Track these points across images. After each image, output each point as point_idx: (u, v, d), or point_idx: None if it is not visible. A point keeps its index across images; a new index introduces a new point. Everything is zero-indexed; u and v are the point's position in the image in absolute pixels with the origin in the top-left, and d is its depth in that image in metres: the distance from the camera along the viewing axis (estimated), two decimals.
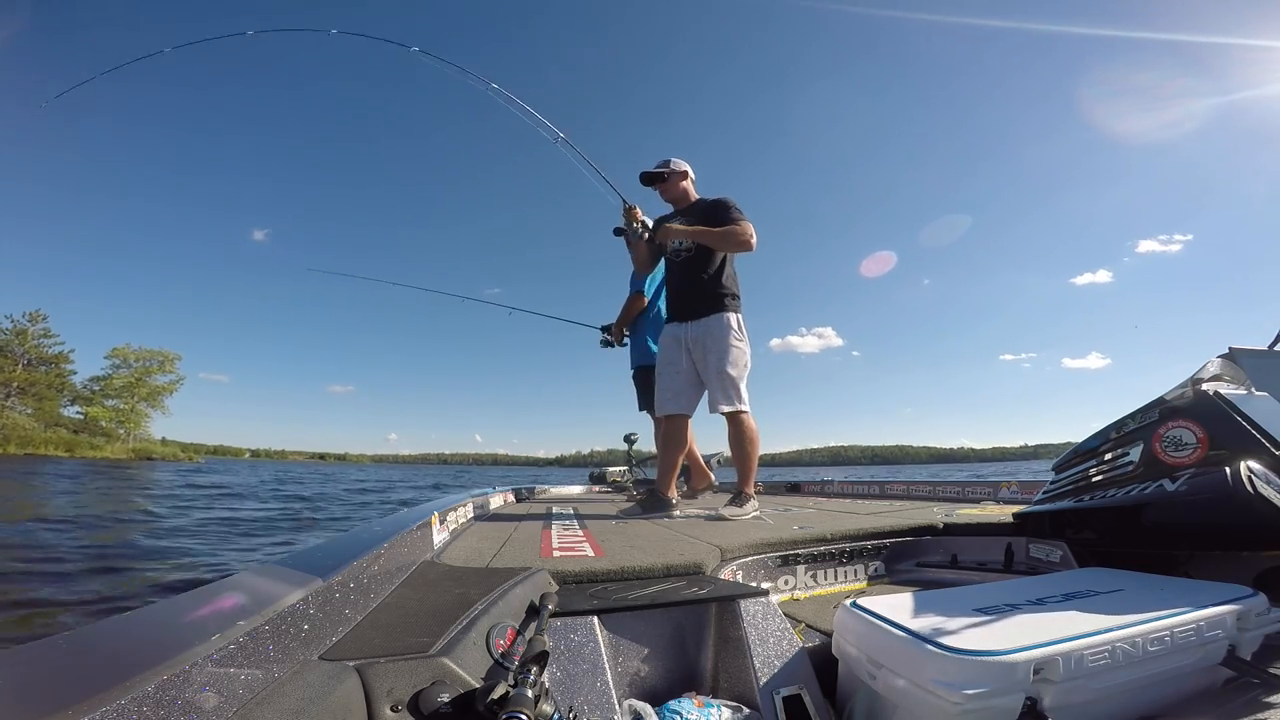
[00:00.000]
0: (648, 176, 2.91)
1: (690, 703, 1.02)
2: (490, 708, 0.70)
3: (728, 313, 2.72)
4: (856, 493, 4.10)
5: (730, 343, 2.68)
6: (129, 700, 0.50)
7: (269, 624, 0.71)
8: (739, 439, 2.69)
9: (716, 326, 2.71)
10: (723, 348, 2.68)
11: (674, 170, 2.89)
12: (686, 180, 2.92)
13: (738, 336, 2.70)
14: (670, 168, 2.88)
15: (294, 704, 0.62)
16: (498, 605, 1.03)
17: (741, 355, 2.68)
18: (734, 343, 2.68)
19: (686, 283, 2.82)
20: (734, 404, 2.65)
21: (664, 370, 2.86)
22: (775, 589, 1.71)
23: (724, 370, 2.67)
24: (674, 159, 2.90)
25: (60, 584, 3.82)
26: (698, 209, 2.84)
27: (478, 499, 2.79)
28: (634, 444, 5.29)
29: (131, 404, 50.42)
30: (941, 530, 2.04)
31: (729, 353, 2.67)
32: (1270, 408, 1.43)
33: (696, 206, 2.86)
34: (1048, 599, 1.14)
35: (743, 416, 2.66)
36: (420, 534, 1.49)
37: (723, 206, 2.73)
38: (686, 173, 2.91)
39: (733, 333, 2.69)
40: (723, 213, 2.70)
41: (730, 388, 2.66)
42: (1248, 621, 1.06)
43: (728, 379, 2.67)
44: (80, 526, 6.52)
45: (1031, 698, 0.88)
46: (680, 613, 1.22)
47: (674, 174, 2.89)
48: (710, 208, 2.77)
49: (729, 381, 2.66)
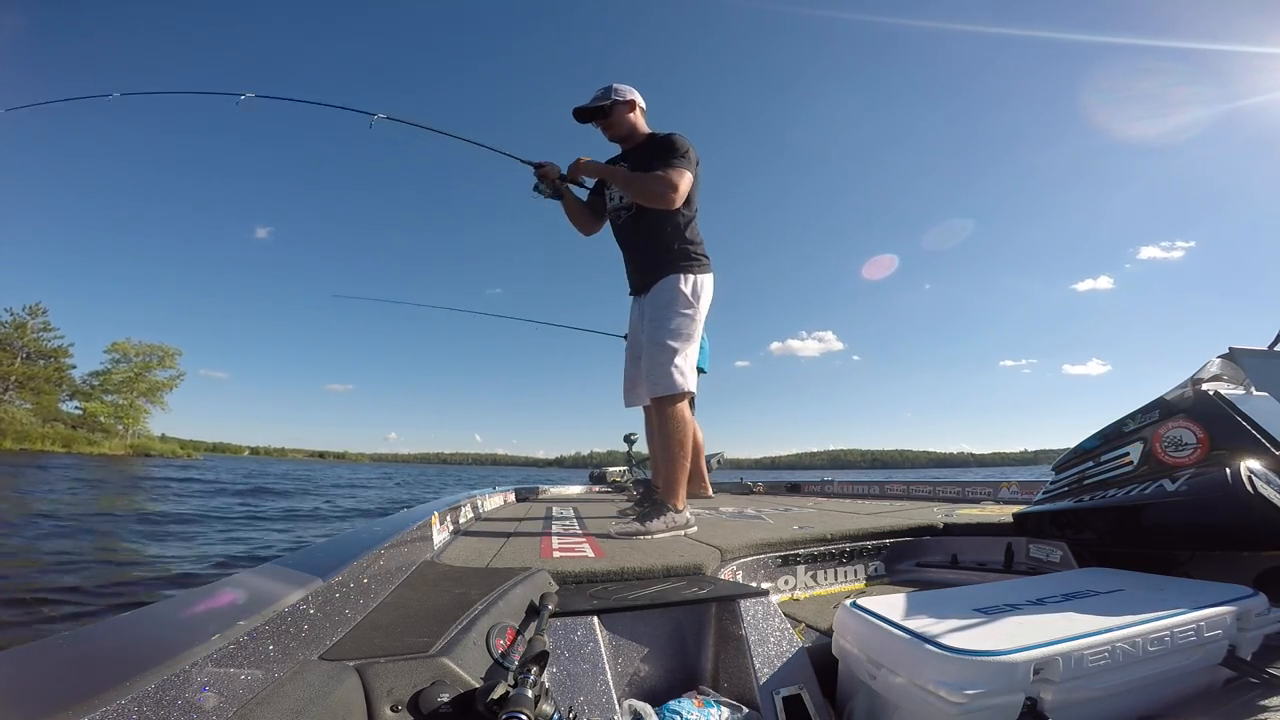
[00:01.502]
0: (584, 113, 2.30)
1: (690, 703, 1.02)
2: (490, 708, 0.70)
3: (678, 274, 2.16)
4: (856, 493, 4.11)
5: (673, 309, 2.13)
6: (129, 700, 0.50)
7: (269, 624, 0.71)
8: (661, 427, 2.12)
9: (660, 291, 2.18)
10: (660, 315, 2.14)
11: (618, 100, 2.27)
12: (634, 112, 2.31)
13: (685, 303, 2.13)
14: (612, 97, 2.27)
15: (294, 704, 0.62)
16: (498, 605, 1.03)
17: (686, 324, 2.12)
18: (679, 310, 2.13)
19: (635, 246, 2.32)
20: (658, 386, 2.09)
21: (627, 356, 2.42)
22: (775, 589, 1.71)
23: (656, 340, 2.12)
24: (616, 85, 2.28)
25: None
26: (643, 150, 2.27)
27: (477, 499, 2.78)
28: (634, 444, 5.30)
29: (130, 399, 50.13)
30: (941, 530, 2.04)
31: (668, 320, 2.12)
32: (1270, 408, 1.43)
33: (644, 147, 2.29)
34: (1048, 599, 1.14)
35: (669, 402, 2.10)
36: (420, 534, 1.49)
37: (664, 147, 2.17)
38: (634, 102, 2.29)
39: (680, 298, 2.13)
40: (662, 154, 2.14)
41: (656, 364, 2.09)
42: (1248, 621, 1.06)
43: (657, 351, 2.11)
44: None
45: (1031, 698, 0.88)
46: (680, 613, 1.22)
47: (618, 104, 2.27)
48: (652, 147, 2.22)
49: (658, 354, 2.10)
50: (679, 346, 2.11)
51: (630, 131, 2.32)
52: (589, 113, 2.31)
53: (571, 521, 2.41)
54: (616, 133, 2.33)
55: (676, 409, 2.11)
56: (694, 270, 2.18)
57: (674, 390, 2.09)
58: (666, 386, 2.09)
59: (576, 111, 2.32)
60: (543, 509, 3.04)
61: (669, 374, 2.08)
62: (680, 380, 2.08)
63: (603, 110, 2.29)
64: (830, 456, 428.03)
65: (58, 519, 7.04)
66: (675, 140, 2.18)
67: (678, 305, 2.14)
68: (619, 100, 2.27)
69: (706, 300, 2.21)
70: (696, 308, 2.16)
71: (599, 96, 2.30)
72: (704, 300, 2.19)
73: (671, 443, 2.10)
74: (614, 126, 2.31)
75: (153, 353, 51.42)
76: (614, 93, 2.27)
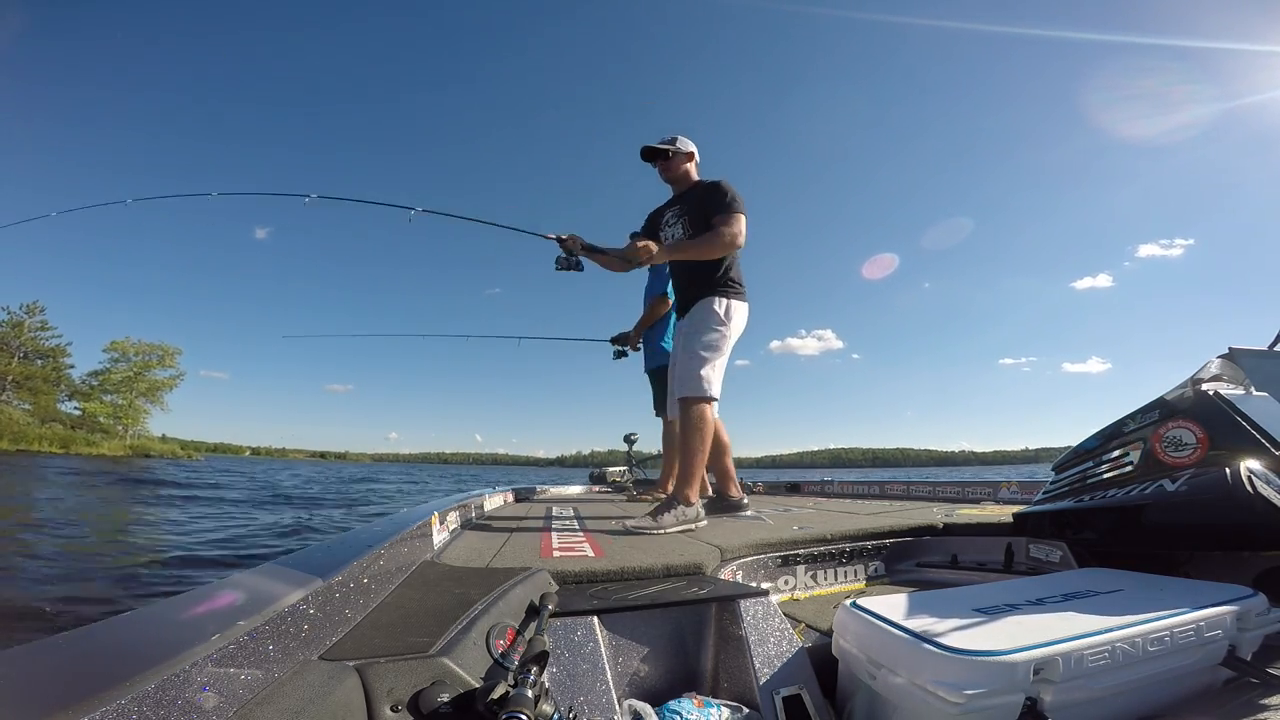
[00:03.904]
0: (650, 151, 2.66)
1: (690, 703, 1.02)
2: (490, 708, 0.70)
3: (714, 297, 2.42)
4: (856, 493, 4.10)
5: (706, 325, 2.38)
6: (129, 700, 0.50)
7: (269, 624, 0.71)
8: (684, 426, 2.32)
9: (696, 311, 2.45)
10: (693, 330, 2.41)
11: (679, 150, 2.65)
12: (691, 163, 2.68)
13: (718, 321, 2.39)
14: (676, 146, 2.64)
15: (294, 704, 0.62)
16: (498, 605, 1.03)
17: (716, 339, 2.36)
18: (711, 326, 2.38)
19: (681, 282, 2.62)
20: (685, 388, 2.33)
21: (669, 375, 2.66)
22: (775, 589, 1.71)
23: (688, 349, 2.38)
24: (680, 137, 2.66)
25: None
26: (692, 195, 2.59)
27: (477, 499, 2.78)
28: (634, 444, 5.30)
29: (130, 399, 49.80)
30: (941, 530, 2.04)
31: (700, 334, 2.38)
32: (1270, 408, 1.43)
33: (692, 192, 2.61)
34: (1048, 599, 1.14)
35: (696, 402, 2.31)
36: (420, 534, 1.49)
37: (715, 196, 2.44)
38: (692, 154, 2.67)
39: (713, 317, 2.39)
40: (714, 205, 2.42)
41: (686, 369, 2.35)
42: (1248, 621, 1.06)
43: (687, 359, 2.37)
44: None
45: (1031, 698, 0.88)
46: (680, 613, 1.22)
47: (679, 154, 2.65)
48: (703, 195, 2.51)
49: (688, 361, 2.36)
50: (708, 356, 2.35)
51: (683, 178, 2.67)
52: (653, 152, 2.66)
53: (571, 521, 2.41)
54: (672, 175, 2.68)
55: (700, 410, 2.31)
56: (729, 296, 2.45)
57: (699, 393, 2.30)
58: (693, 389, 2.32)
59: (644, 150, 2.67)
60: (542, 509, 3.04)
61: (695, 378, 2.32)
62: (705, 385, 2.31)
63: (665, 154, 2.64)
64: (831, 455, 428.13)
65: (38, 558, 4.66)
66: (722, 187, 2.45)
67: (710, 322, 2.40)
68: (681, 151, 2.65)
69: (738, 324, 2.46)
70: (728, 326, 2.41)
71: (665, 142, 2.66)
72: (735, 322, 2.44)
73: (692, 441, 2.28)
74: (671, 170, 2.66)
75: (152, 352, 51.08)
76: (679, 143, 2.66)
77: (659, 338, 3.72)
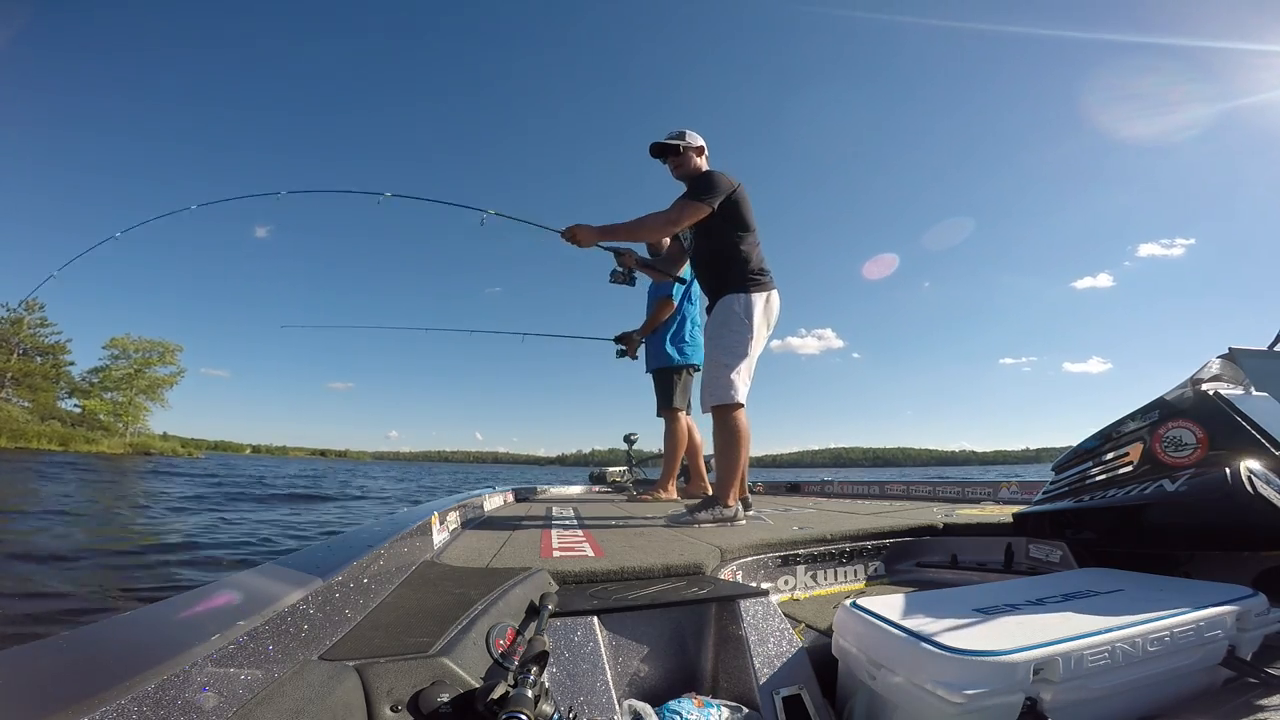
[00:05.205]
0: (659, 148, 2.61)
1: (690, 703, 1.02)
2: (490, 708, 0.70)
3: (732, 294, 2.39)
4: (856, 493, 4.11)
5: (726, 328, 2.37)
6: (129, 700, 0.50)
7: (269, 624, 0.71)
8: (716, 434, 2.38)
9: (717, 311, 2.44)
10: (714, 334, 2.41)
11: (689, 145, 2.59)
12: (701, 157, 2.63)
13: (737, 322, 2.36)
14: (685, 140, 2.59)
15: (294, 704, 0.62)
16: (498, 605, 1.03)
17: (736, 342, 2.34)
18: (730, 329, 2.36)
19: (700, 275, 2.62)
20: (712, 397, 2.34)
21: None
22: (775, 589, 1.71)
23: (710, 356, 2.41)
24: (689, 131, 2.61)
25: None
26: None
27: (477, 499, 2.78)
28: (634, 444, 5.29)
29: (130, 396, 49.51)
30: (941, 530, 2.04)
31: (721, 338, 2.37)
32: (1270, 408, 1.43)
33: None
34: (1047, 599, 1.14)
35: (722, 410, 2.34)
36: (420, 534, 1.49)
37: (690, 182, 2.46)
38: (702, 148, 2.63)
39: (731, 318, 2.37)
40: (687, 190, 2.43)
41: (710, 378, 2.37)
42: (1247, 621, 1.06)
43: (710, 366, 2.39)
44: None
45: (1031, 698, 0.88)
46: (680, 613, 1.22)
47: (689, 148, 2.59)
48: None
49: (712, 370, 2.37)
50: (730, 362, 2.34)
51: (694, 173, 2.58)
52: (662, 149, 2.61)
53: (571, 521, 2.41)
54: (682, 172, 2.60)
55: (729, 416, 2.33)
56: (748, 290, 2.39)
57: (724, 400, 2.32)
58: (719, 397, 2.33)
59: (653, 146, 2.63)
60: (542, 509, 3.04)
61: (719, 385, 2.33)
62: (730, 391, 2.31)
63: (675, 149, 2.59)
64: (831, 454, 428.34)
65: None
66: (701, 176, 2.43)
67: (730, 323, 2.37)
68: (690, 146, 2.59)
69: (759, 315, 2.39)
70: (749, 324, 2.36)
71: (674, 137, 2.60)
72: (756, 317, 2.37)
73: (726, 446, 2.33)
74: (681, 166, 2.60)
75: (153, 349, 50.77)
76: (687, 137, 2.60)
77: (662, 339, 3.73)
